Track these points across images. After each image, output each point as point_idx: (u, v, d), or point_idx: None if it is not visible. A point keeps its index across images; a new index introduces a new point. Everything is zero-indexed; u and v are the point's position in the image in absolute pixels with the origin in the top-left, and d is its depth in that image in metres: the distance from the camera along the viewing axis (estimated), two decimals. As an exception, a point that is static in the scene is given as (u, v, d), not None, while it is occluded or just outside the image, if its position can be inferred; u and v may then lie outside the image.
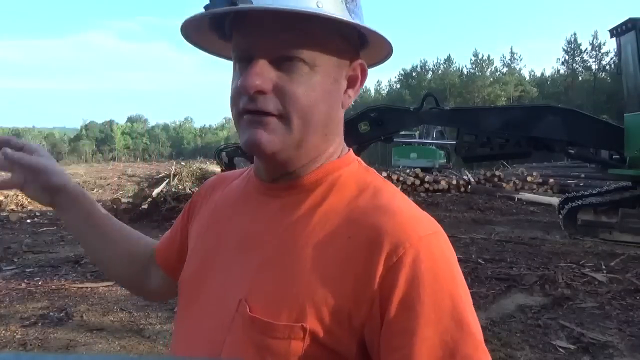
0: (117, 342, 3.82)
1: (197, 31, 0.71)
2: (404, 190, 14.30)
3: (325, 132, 0.69)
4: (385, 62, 0.78)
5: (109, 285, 5.28)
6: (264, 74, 0.64)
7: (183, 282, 0.79)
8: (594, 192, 8.86)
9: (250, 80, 0.63)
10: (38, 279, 5.58)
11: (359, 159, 0.76)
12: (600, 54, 52.32)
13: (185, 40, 0.73)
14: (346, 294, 0.61)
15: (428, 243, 0.62)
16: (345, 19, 0.64)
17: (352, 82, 0.71)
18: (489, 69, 62.11)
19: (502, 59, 64.78)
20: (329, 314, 0.61)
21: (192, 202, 0.89)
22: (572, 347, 3.74)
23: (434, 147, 22.98)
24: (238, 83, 0.65)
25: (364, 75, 0.72)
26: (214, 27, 0.71)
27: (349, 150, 0.76)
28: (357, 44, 0.71)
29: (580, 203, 8.07)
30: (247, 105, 0.65)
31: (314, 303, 0.62)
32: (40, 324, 4.17)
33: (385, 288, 0.60)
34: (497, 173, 15.65)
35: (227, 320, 0.67)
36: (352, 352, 0.62)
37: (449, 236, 0.66)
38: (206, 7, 0.63)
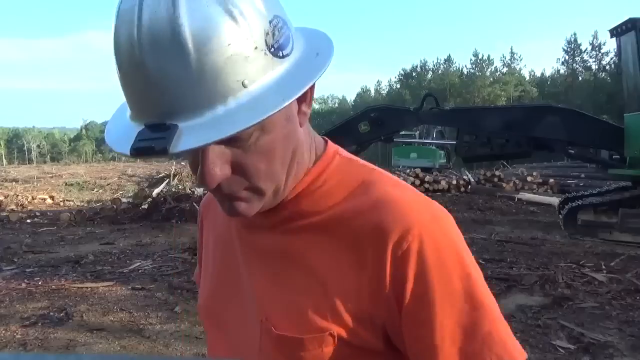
0: (117, 342, 3.82)
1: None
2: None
3: (294, 164, 0.66)
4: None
5: (109, 285, 5.28)
6: (218, 161, 0.58)
7: (203, 307, 0.81)
8: (594, 192, 8.84)
9: (208, 178, 0.58)
10: (38, 279, 5.58)
11: (338, 149, 0.72)
12: (600, 54, 52.49)
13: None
14: (363, 298, 0.63)
15: (430, 229, 0.62)
16: (264, 113, 0.53)
17: (303, 98, 0.64)
18: (489, 69, 62.27)
19: (502, 59, 64.88)
20: (352, 319, 0.63)
21: (199, 228, 0.89)
22: (572, 347, 3.74)
23: (434, 147, 22.98)
24: (197, 175, 0.59)
25: (312, 88, 0.64)
26: None
27: (325, 143, 0.72)
28: None
29: (580, 203, 8.06)
30: (214, 192, 0.63)
31: (335, 312, 0.64)
32: (40, 324, 4.17)
33: (397, 284, 0.61)
34: (497, 173, 15.60)
35: (255, 342, 0.69)
36: (380, 346, 0.65)
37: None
38: (136, 150, 0.54)
